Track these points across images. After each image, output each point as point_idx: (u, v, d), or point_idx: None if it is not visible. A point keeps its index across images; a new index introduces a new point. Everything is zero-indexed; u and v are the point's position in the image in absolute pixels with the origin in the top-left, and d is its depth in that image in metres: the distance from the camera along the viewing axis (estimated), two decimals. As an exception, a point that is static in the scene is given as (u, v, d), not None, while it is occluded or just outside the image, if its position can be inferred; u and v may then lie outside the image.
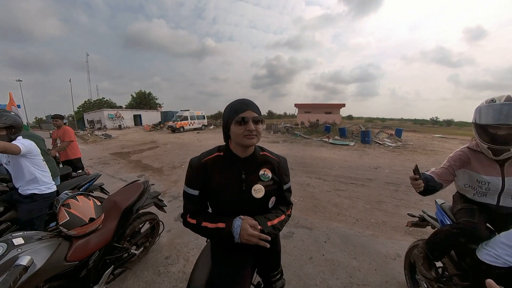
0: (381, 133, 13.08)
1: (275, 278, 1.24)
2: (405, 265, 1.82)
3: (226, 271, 1.02)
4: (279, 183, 1.03)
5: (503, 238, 1.07)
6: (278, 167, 1.03)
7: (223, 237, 0.88)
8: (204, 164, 0.95)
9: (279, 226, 0.95)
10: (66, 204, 1.42)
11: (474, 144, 1.33)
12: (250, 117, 0.86)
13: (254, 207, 0.95)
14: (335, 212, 3.31)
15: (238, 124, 0.86)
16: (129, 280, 1.92)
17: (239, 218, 0.89)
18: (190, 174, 0.96)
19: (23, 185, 1.83)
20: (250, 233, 0.84)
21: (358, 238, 2.57)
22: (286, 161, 1.10)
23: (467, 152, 1.33)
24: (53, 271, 1.22)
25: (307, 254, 2.28)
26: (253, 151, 0.98)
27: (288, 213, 1.05)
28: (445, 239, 1.28)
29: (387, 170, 5.88)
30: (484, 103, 1.19)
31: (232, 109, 0.89)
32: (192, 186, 0.96)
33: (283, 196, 1.06)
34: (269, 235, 0.87)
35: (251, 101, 0.91)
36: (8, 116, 1.75)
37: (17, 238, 1.18)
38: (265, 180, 0.97)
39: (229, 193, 0.93)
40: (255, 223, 0.88)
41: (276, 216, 0.97)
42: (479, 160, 1.28)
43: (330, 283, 1.89)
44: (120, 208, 1.76)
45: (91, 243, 1.45)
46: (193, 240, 2.48)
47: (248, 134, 0.86)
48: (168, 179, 5.06)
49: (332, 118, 22.42)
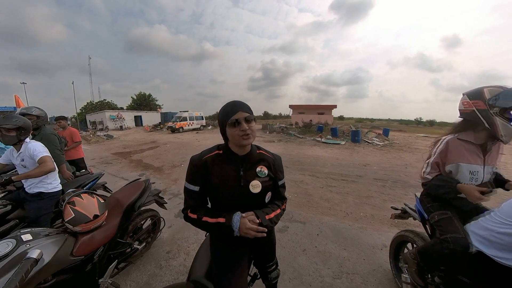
0: (370, 133, 13.24)
1: (270, 269, 1.26)
2: (390, 254, 1.88)
3: (224, 262, 1.03)
4: (274, 179, 1.05)
5: (472, 227, 1.13)
6: (273, 164, 1.05)
7: (223, 231, 0.90)
8: (204, 161, 0.96)
9: (276, 219, 0.98)
10: (71, 201, 1.42)
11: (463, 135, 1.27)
12: (241, 118, 0.87)
13: (252, 201, 0.97)
14: (327, 207, 3.36)
15: (232, 126, 0.88)
16: (133, 274, 1.93)
17: (238, 213, 0.91)
18: (191, 170, 0.97)
19: (31, 185, 1.82)
20: (248, 227, 0.86)
21: (348, 231, 2.62)
22: (281, 159, 1.12)
23: (459, 144, 1.26)
24: (60, 265, 1.23)
25: (300, 247, 2.32)
26: (250, 149, 1.00)
27: (283, 207, 1.07)
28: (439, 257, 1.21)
29: (375, 167, 5.97)
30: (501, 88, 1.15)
31: (224, 112, 0.91)
32: (192, 182, 0.96)
33: (278, 192, 1.08)
34: (266, 227, 0.90)
35: (241, 102, 0.92)
36: (18, 118, 1.75)
37: (25, 235, 1.18)
38: (261, 176, 0.99)
39: (228, 189, 0.95)
40: (253, 217, 0.90)
41: (273, 210, 0.99)
42: (469, 151, 1.24)
43: (322, 273, 1.93)
44: (122, 206, 1.76)
45: (96, 238, 1.45)
46: (193, 235, 2.49)
47: (243, 134, 0.87)
48: (168, 178, 5.04)
49: (324, 118, 22.57)
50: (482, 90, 1.18)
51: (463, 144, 1.26)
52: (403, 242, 1.75)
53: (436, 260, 1.23)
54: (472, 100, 1.22)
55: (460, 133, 1.30)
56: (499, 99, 1.12)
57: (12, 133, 1.70)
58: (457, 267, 1.12)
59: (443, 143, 1.31)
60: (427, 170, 1.35)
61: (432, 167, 1.33)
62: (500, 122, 1.14)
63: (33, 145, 1.79)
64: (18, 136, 1.73)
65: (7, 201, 1.83)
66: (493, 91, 1.15)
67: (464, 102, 1.27)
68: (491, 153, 1.26)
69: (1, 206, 1.77)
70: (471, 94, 1.24)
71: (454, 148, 1.26)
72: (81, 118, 34.68)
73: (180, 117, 20.10)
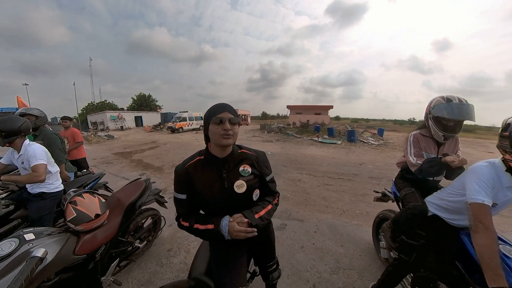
0: (365, 133, 13.31)
1: (271, 269, 1.25)
2: (373, 231, 2.18)
3: (224, 261, 1.03)
4: (260, 176, 1.02)
5: (430, 199, 1.45)
6: (257, 161, 1.02)
7: (214, 237, 0.89)
8: (186, 169, 0.95)
9: (267, 216, 0.96)
10: (73, 201, 1.41)
11: (424, 131, 1.60)
12: (226, 117, 0.87)
13: (239, 202, 0.96)
14: (324, 205, 3.37)
15: (216, 124, 0.86)
16: (134, 272, 1.92)
17: (226, 217, 0.89)
18: (176, 180, 0.96)
19: (33, 185, 1.80)
20: (237, 229, 0.85)
21: (344, 228, 2.64)
22: (265, 154, 1.09)
23: (421, 137, 1.59)
24: (63, 264, 1.22)
25: (298, 244, 2.33)
26: (231, 150, 0.98)
27: (275, 202, 1.05)
28: (406, 221, 1.49)
29: (371, 166, 6.01)
30: (442, 100, 1.42)
31: (211, 111, 0.90)
32: (179, 191, 0.96)
33: (268, 187, 1.06)
34: (257, 227, 0.88)
35: (229, 104, 0.92)
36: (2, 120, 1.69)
37: (28, 234, 1.17)
38: (245, 175, 0.96)
39: (213, 192, 0.93)
40: (241, 219, 0.88)
41: (263, 207, 0.97)
42: (428, 143, 1.58)
43: (320, 269, 1.94)
44: (123, 205, 1.75)
45: (98, 237, 1.45)
46: (193, 233, 2.48)
47: (224, 133, 0.86)
48: (169, 177, 5.02)
49: (321, 118, 22.63)
50: (435, 99, 1.48)
51: (423, 138, 1.59)
52: (382, 220, 2.03)
53: (403, 224, 1.51)
54: (427, 106, 1.55)
55: (421, 128, 1.63)
56: (434, 108, 1.45)
57: None
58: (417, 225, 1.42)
59: (411, 136, 1.63)
60: (414, 159, 1.57)
61: (416, 155, 1.58)
62: (431, 124, 1.48)
63: (32, 149, 1.74)
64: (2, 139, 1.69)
65: (9, 201, 1.81)
66: (436, 101, 1.45)
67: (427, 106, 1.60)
68: (444, 146, 1.56)
69: (4, 206, 1.75)
70: (431, 101, 1.53)
71: (419, 140, 1.59)
72: (82, 119, 34.40)
73: (179, 117, 20.03)
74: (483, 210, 1.00)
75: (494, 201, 1.04)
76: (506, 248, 1.04)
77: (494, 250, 0.92)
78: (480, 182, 1.04)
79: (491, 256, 0.90)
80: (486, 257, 0.91)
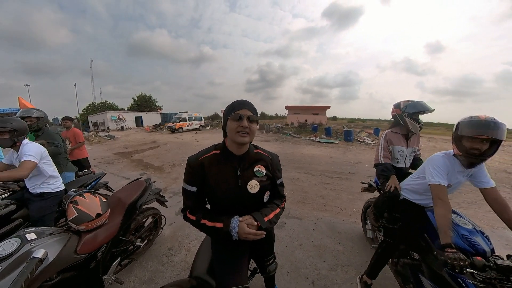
0: (362, 132, 13.35)
1: (268, 263, 1.26)
2: (362, 216, 2.41)
3: (226, 260, 1.02)
4: (273, 178, 1.02)
5: (401, 184, 1.69)
6: (271, 164, 1.02)
7: (221, 235, 0.87)
8: (201, 162, 0.93)
9: (275, 219, 0.95)
10: (74, 201, 1.40)
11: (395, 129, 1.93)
12: (245, 115, 0.85)
13: (250, 201, 0.94)
14: (322, 203, 3.38)
15: (234, 120, 0.85)
16: (136, 270, 1.91)
17: (236, 217, 0.88)
18: (188, 171, 0.94)
19: (34, 185, 1.78)
20: (247, 231, 0.84)
21: (342, 225, 2.64)
22: (278, 158, 1.09)
23: (392, 134, 1.92)
24: (65, 263, 1.21)
25: (297, 241, 2.33)
26: (247, 149, 0.96)
27: (282, 205, 1.05)
28: (383, 204, 1.79)
29: (367, 165, 6.03)
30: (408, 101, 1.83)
31: (231, 106, 0.88)
32: (190, 183, 0.93)
33: (277, 191, 1.06)
34: (266, 230, 0.87)
35: (249, 102, 0.90)
36: (12, 120, 1.68)
37: (29, 234, 1.16)
38: (259, 176, 0.95)
39: (226, 189, 0.91)
40: (251, 221, 0.87)
41: (272, 210, 0.96)
42: (398, 139, 1.90)
43: (318, 266, 1.95)
44: (124, 204, 1.74)
45: (99, 237, 1.44)
46: (194, 232, 2.47)
47: (241, 130, 0.84)
48: (169, 177, 5.00)
49: (318, 118, 22.65)
50: (400, 103, 1.88)
51: (394, 135, 1.92)
52: (369, 207, 2.25)
53: (381, 206, 1.81)
54: (395, 109, 1.91)
55: (392, 127, 1.98)
56: (407, 107, 1.81)
57: (5, 135, 1.64)
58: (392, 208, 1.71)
59: (384, 134, 1.96)
60: (382, 153, 1.91)
61: (384, 150, 1.91)
62: (409, 121, 1.80)
63: (28, 147, 1.71)
64: (12, 138, 1.67)
65: (11, 201, 1.79)
66: (405, 103, 1.84)
67: (392, 109, 1.96)
68: (411, 140, 1.90)
69: (5, 206, 1.73)
70: (395, 105, 1.91)
71: (390, 137, 1.91)
72: (83, 119, 34.16)
73: (179, 117, 19.91)
74: (441, 189, 1.22)
75: (449, 183, 1.27)
76: (456, 218, 1.29)
77: (448, 218, 1.14)
78: (438, 168, 1.27)
79: (445, 222, 1.12)
80: (442, 223, 1.12)
